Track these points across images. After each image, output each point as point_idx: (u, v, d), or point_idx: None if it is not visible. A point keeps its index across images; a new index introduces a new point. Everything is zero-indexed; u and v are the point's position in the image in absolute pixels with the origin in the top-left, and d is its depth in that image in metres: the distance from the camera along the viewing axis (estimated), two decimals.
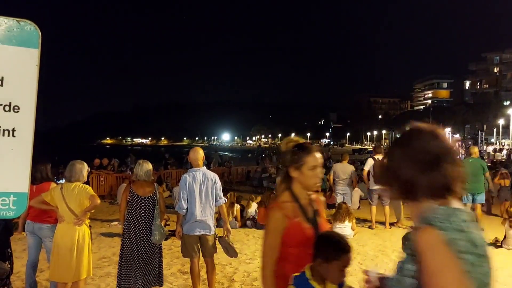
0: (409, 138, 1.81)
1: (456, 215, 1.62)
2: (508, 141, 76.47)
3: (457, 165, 1.71)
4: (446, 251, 1.53)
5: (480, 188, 11.72)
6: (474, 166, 11.84)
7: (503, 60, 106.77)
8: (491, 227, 11.76)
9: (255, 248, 9.58)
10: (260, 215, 11.85)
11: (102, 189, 18.63)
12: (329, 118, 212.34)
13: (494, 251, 9.40)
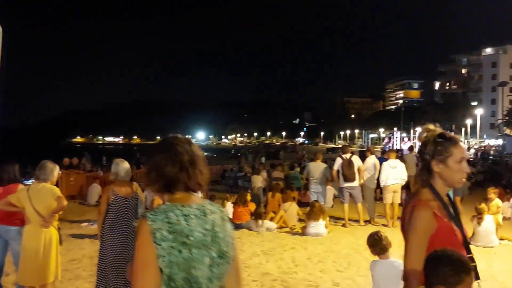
0: (169, 144, 2.15)
1: (174, 211, 1.96)
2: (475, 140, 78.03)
3: (197, 169, 2.10)
4: (144, 237, 1.89)
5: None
6: None
7: (470, 62, 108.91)
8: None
9: None
10: (236, 215, 11.76)
11: (72, 189, 18.08)
12: (303, 117, 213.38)
13: None
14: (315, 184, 13.15)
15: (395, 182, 12.07)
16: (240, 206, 11.75)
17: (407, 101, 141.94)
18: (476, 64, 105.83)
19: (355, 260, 8.46)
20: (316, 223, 10.67)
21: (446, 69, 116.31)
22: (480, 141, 75.32)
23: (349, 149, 12.78)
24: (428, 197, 2.52)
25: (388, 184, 12.06)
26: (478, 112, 75.68)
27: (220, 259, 2.02)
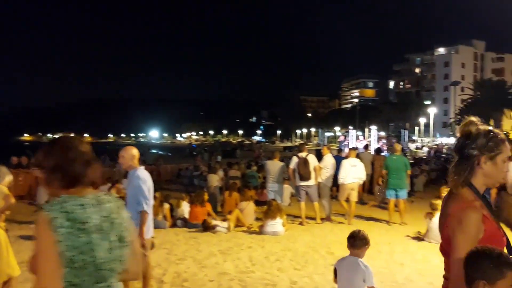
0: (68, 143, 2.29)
1: (70, 202, 2.13)
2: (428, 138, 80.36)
3: (92, 166, 2.27)
4: (43, 226, 2.06)
5: (403, 184, 12.22)
6: (397, 163, 12.34)
7: (424, 61, 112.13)
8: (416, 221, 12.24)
9: (185, 248, 9.42)
10: (193, 214, 11.69)
11: (20, 189, 17.51)
12: (260, 115, 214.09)
13: (417, 244, 9.78)
14: (272, 183, 13.25)
15: (353, 181, 12.30)
16: (197, 206, 11.68)
17: (363, 100, 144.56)
18: (429, 63, 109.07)
19: (312, 258, 8.55)
20: (273, 221, 10.73)
21: (400, 68, 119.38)
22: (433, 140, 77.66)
23: (306, 148, 12.89)
24: (471, 197, 2.40)
25: (346, 183, 12.26)
26: (431, 111, 77.94)
27: (120, 242, 2.22)
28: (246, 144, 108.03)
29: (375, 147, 25.13)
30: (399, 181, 12.17)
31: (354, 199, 12.38)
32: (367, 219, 13.02)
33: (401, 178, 12.19)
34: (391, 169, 12.22)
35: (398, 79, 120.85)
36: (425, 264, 8.11)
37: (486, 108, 56.10)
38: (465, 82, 70.88)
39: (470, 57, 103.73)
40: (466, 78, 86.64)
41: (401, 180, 12.18)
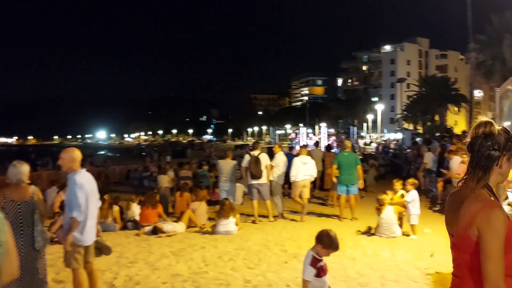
0: None
1: None
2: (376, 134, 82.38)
3: None
4: None
5: (354, 180, 12.52)
6: (348, 159, 12.62)
7: (371, 59, 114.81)
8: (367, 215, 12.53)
9: (136, 250, 9.29)
10: (144, 216, 11.53)
11: None
12: (211, 114, 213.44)
13: (368, 239, 10.02)
14: (224, 182, 13.26)
15: (304, 178, 12.47)
16: (148, 208, 11.53)
17: (312, 97, 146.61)
18: (376, 61, 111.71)
19: (266, 256, 8.62)
20: (226, 221, 10.74)
21: (348, 66, 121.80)
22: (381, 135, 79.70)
23: (259, 146, 12.94)
24: (491, 197, 2.42)
25: (298, 180, 12.42)
26: (379, 108, 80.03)
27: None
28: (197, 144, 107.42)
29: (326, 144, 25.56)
30: (350, 177, 12.46)
31: (306, 196, 12.57)
32: (319, 215, 13.22)
33: (352, 174, 12.47)
34: (342, 166, 12.46)
35: (346, 76, 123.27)
36: (376, 258, 8.33)
37: (431, 103, 58.00)
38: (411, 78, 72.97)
39: (415, 54, 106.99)
40: (411, 75, 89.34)
41: (352, 176, 12.47)
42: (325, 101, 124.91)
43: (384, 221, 10.03)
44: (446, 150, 15.08)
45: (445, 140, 18.30)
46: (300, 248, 9.07)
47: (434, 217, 12.90)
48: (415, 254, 8.51)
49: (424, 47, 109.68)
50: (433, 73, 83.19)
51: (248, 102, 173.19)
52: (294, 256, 8.49)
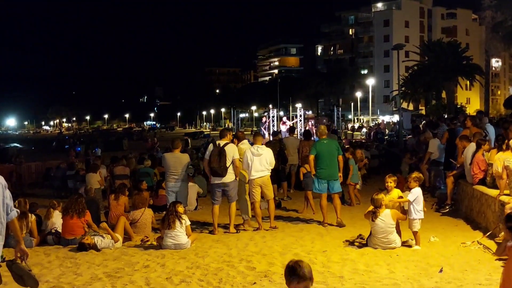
0: None
1: None
2: (367, 117, 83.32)
3: None
4: None
5: (336, 174, 12.71)
6: (329, 148, 12.71)
7: (359, 20, 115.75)
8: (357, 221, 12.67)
9: (59, 272, 9.14)
10: (68, 228, 11.34)
11: None
12: (153, 94, 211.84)
13: (358, 251, 10.10)
14: (172, 181, 13.11)
15: (261, 175, 12.40)
16: (73, 216, 11.35)
17: (284, 70, 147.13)
18: (365, 23, 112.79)
19: (228, 276, 8.59)
20: (175, 231, 10.66)
21: (330, 30, 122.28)
22: (372, 118, 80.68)
23: (228, 134, 12.77)
24: None
25: (253, 178, 12.38)
26: (370, 83, 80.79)
27: None
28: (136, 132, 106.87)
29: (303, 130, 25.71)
30: (331, 171, 12.59)
31: (270, 196, 12.59)
32: (295, 221, 13.29)
33: (333, 167, 12.61)
34: (322, 156, 12.57)
35: (327, 43, 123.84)
36: (369, 276, 8.39)
37: (437, 76, 58.83)
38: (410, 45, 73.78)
39: (415, 13, 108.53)
40: (411, 40, 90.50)
41: (334, 170, 12.62)
42: (301, 75, 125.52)
43: (380, 228, 10.11)
44: (457, 135, 15.33)
45: (455, 123, 18.59)
46: (272, 264, 9.08)
47: (443, 221, 13.14)
48: (420, 270, 8.63)
49: (427, 4, 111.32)
50: (439, 37, 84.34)
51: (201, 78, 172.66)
52: (265, 275, 8.48)
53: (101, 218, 14.04)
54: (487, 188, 12.14)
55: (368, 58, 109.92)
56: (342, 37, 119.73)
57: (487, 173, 12.33)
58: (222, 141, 12.20)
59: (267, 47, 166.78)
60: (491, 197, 11.48)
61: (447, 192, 14.86)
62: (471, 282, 7.94)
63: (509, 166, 10.60)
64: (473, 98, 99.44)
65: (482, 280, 7.98)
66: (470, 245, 10.32)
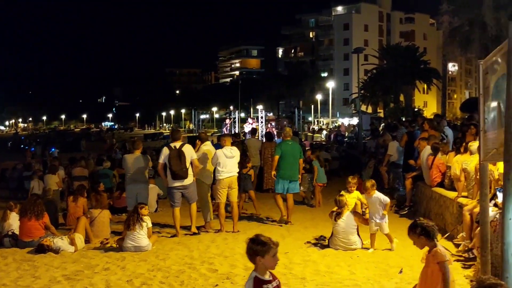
0: None
1: None
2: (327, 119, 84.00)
3: None
4: None
5: (296, 176, 13.10)
6: (293, 149, 13.11)
7: (319, 23, 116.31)
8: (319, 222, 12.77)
9: (17, 275, 9.01)
10: (25, 230, 11.18)
11: None
12: (112, 94, 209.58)
13: (320, 252, 10.18)
14: (132, 183, 13.01)
15: (231, 175, 12.45)
16: (31, 218, 11.19)
17: (245, 72, 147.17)
18: (325, 25, 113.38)
19: (190, 278, 8.58)
20: (136, 234, 10.60)
21: (291, 32, 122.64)
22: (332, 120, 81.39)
23: (181, 136, 12.79)
24: None
25: (223, 178, 12.40)
26: (330, 85, 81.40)
27: None
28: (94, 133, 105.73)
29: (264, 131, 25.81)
30: (293, 172, 12.97)
31: (234, 198, 12.62)
32: (257, 223, 13.33)
33: (295, 168, 13.02)
34: (285, 157, 12.87)
35: (288, 46, 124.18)
36: (330, 277, 8.47)
37: (395, 80, 59.67)
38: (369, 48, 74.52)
39: (374, 17, 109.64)
40: (370, 44, 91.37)
41: (295, 171, 13.03)
42: (262, 77, 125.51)
43: (342, 229, 10.21)
44: (415, 138, 15.57)
45: (414, 126, 18.88)
46: (234, 266, 9.09)
47: (402, 223, 13.30)
48: (380, 271, 8.74)
49: (385, 8, 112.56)
50: (397, 41, 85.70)
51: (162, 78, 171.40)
52: (227, 277, 8.51)
53: (60, 220, 13.90)
54: (445, 190, 12.39)
55: (329, 61, 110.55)
56: (303, 40, 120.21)
57: (445, 176, 12.58)
58: (177, 143, 12.14)
59: (228, 48, 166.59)
60: (449, 199, 11.70)
61: (406, 194, 15.11)
62: None
63: (467, 168, 10.80)
64: (430, 102, 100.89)
65: None
66: None
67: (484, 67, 6.30)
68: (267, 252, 4.75)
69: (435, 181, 13.00)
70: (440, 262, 5.76)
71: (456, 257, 9.44)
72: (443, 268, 5.73)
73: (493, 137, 5.88)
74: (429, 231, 5.98)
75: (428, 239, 5.98)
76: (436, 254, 5.83)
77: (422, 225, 6.06)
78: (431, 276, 5.88)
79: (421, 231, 6.02)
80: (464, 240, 9.47)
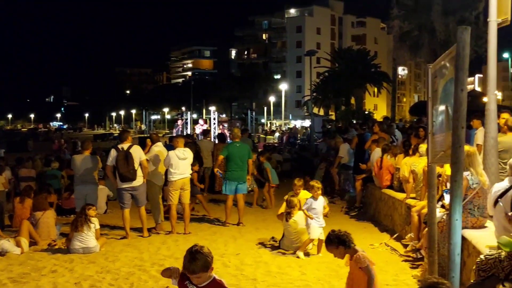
0: None
1: None
2: (280, 121, 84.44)
3: None
4: None
5: (245, 177, 13.29)
6: (241, 151, 13.31)
7: (272, 25, 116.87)
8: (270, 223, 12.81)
9: None
10: None
11: None
12: (60, 94, 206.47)
13: (271, 253, 10.24)
14: (81, 184, 12.86)
15: (183, 177, 12.43)
16: None
17: (198, 73, 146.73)
18: (278, 28, 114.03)
19: (140, 280, 8.53)
20: (84, 235, 10.48)
21: (244, 33, 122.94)
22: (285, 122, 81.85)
23: (129, 137, 12.65)
24: None
25: (175, 179, 12.36)
26: (283, 88, 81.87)
27: None
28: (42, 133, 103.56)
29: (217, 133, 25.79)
30: (242, 173, 13.17)
31: (187, 200, 12.58)
32: (208, 224, 13.32)
33: (243, 169, 13.20)
34: (233, 159, 13.07)
35: (241, 47, 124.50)
36: (282, 278, 8.54)
37: (346, 83, 60.27)
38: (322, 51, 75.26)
39: (326, 21, 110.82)
40: (322, 47, 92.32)
41: (244, 172, 13.22)
42: (215, 78, 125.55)
43: (293, 230, 10.28)
44: (366, 140, 15.82)
45: (364, 128, 19.16)
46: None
47: (352, 224, 13.50)
48: (330, 271, 8.83)
49: (337, 12, 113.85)
50: (349, 45, 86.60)
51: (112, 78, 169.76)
52: None
53: (5, 221, 13.63)
54: (394, 191, 12.61)
55: (281, 63, 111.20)
56: (256, 42, 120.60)
57: (394, 177, 12.81)
58: (124, 145, 12.02)
59: (181, 48, 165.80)
60: (398, 200, 11.92)
61: (356, 195, 15.33)
62: (379, 283, 8.20)
63: (415, 170, 11.02)
64: (380, 105, 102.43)
65: (390, 280, 8.26)
66: (378, 247, 10.70)
67: (432, 71, 6.44)
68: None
69: (385, 183, 13.23)
70: (363, 268, 6.06)
71: (404, 257, 9.64)
72: (368, 272, 6.03)
73: (440, 140, 6.01)
74: (344, 240, 6.35)
75: (345, 247, 6.35)
76: (358, 260, 6.13)
77: (337, 236, 6.42)
78: (357, 281, 6.19)
79: (337, 242, 6.39)
80: (412, 240, 9.65)
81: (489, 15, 9.41)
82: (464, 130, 5.20)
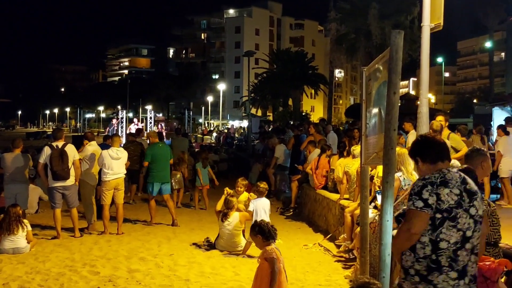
0: None
1: None
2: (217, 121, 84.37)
3: None
4: None
5: (168, 177, 13.72)
6: (163, 151, 13.65)
7: (211, 25, 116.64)
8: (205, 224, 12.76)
9: None
10: None
11: None
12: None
13: (205, 254, 10.23)
14: (12, 183, 12.53)
15: (117, 177, 12.30)
16: None
17: (135, 71, 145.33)
18: (217, 28, 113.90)
19: (70, 281, 8.39)
20: (13, 235, 10.24)
21: (182, 32, 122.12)
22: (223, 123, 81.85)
23: (63, 135, 12.43)
24: None
25: (109, 179, 12.21)
26: (221, 88, 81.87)
27: None
28: None
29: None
30: (165, 174, 13.49)
31: (120, 201, 12.45)
32: (142, 225, 13.22)
33: (166, 170, 13.60)
34: (157, 160, 13.34)
35: (179, 46, 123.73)
36: (215, 278, 8.54)
37: (284, 84, 60.75)
38: (260, 52, 75.59)
39: (265, 22, 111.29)
40: (261, 48, 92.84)
41: (167, 173, 13.61)
42: (152, 77, 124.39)
43: (227, 230, 10.30)
44: (301, 142, 15.97)
45: (301, 129, 19.34)
46: (117, 269, 8.97)
47: (287, 224, 13.61)
48: None
49: (276, 13, 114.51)
50: (287, 46, 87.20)
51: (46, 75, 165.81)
52: (109, 279, 8.39)
53: None
54: (328, 192, 12.79)
55: (220, 63, 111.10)
56: (194, 41, 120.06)
57: (329, 178, 12.99)
58: (59, 143, 11.81)
59: (117, 46, 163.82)
60: (331, 201, 12.09)
61: (292, 196, 15.45)
62: (312, 283, 8.31)
63: (348, 171, 11.20)
64: (317, 106, 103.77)
65: (322, 281, 8.37)
66: (312, 247, 10.84)
67: (367, 74, 6.55)
68: None
69: (320, 183, 13.41)
70: (268, 258, 6.32)
71: (337, 257, 9.78)
72: (272, 264, 6.27)
73: (373, 142, 6.11)
74: (264, 231, 6.55)
75: (263, 238, 6.55)
76: (265, 252, 6.40)
77: (259, 225, 6.64)
78: (261, 271, 6.45)
79: (258, 230, 6.59)
80: (345, 241, 9.81)
81: (423, 20, 9.66)
82: (396, 132, 5.29)
